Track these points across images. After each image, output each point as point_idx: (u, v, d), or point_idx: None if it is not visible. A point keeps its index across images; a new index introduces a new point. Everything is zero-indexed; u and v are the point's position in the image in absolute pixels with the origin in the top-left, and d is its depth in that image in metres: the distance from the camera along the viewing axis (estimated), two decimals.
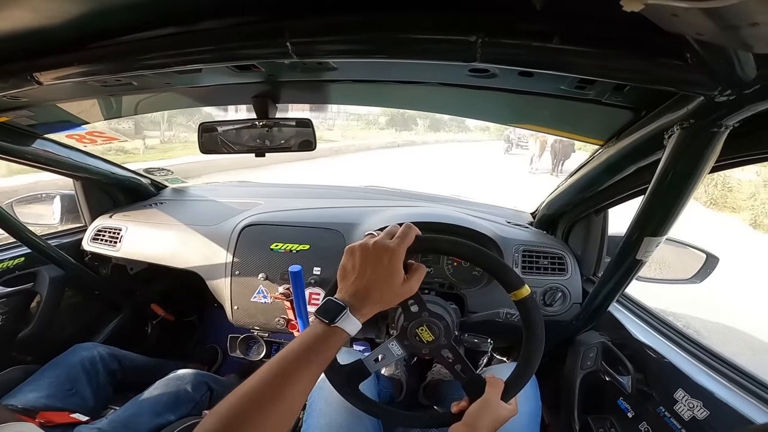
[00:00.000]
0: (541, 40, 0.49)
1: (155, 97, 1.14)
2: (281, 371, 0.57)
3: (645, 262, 0.88)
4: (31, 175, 5.64)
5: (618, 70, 0.51)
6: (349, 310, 0.63)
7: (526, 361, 0.75)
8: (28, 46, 0.69)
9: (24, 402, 1.10)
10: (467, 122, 33.75)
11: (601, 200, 1.16)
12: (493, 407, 0.74)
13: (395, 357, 0.83)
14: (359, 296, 0.65)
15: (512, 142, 21.45)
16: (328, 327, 0.62)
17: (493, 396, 0.75)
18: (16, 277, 1.44)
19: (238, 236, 1.42)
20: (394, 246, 0.66)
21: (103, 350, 1.37)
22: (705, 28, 0.30)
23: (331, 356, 0.63)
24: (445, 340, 0.81)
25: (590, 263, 1.36)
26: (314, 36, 0.58)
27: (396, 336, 0.83)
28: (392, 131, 26.14)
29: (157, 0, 0.58)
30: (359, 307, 0.64)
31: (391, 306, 0.69)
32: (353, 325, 0.63)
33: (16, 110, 1.05)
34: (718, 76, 0.46)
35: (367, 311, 0.65)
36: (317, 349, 0.61)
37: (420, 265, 0.72)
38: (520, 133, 23.75)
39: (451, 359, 0.81)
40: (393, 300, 0.68)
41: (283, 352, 0.60)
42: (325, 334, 0.62)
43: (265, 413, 0.53)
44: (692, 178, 0.66)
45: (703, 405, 0.85)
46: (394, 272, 0.66)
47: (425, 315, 0.80)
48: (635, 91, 0.71)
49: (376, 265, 0.66)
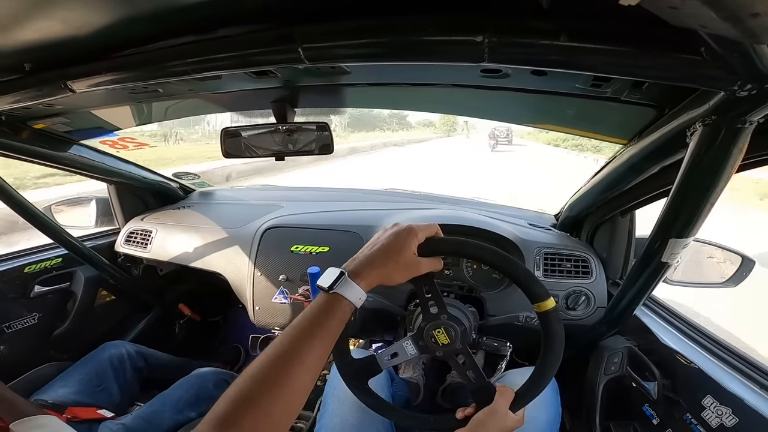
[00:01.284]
0: (549, 38, 0.48)
1: (182, 102, 1.19)
2: (286, 348, 0.56)
3: (671, 265, 0.85)
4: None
5: (629, 66, 0.49)
6: (349, 275, 0.62)
7: (540, 373, 0.74)
8: (60, 56, 0.73)
9: (54, 397, 1.15)
10: (408, 118, 32.35)
11: (626, 201, 1.12)
12: (500, 417, 0.72)
13: (408, 356, 0.83)
14: (362, 262, 0.65)
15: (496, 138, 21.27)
16: (328, 295, 0.60)
17: (502, 406, 0.73)
18: (54, 277, 1.53)
19: (260, 238, 1.45)
20: (414, 226, 0.67)
21: (131, 348, 1.43)
22: (707, 20, 0.29)
23: (336, 328, 0.60)
24: (460, 345, 0.80)
25: (616, 266, 1.32)
26: (324, 41, 0.59)
27: (412, 335, 0.83)
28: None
29: (175, 9, 0.61)
30: (360, 272, 0.63)
31: (395, 281, 0.67)
32: (354, 291, 0.61)
33: (53, 117, 1.11)
34: (735, 70, 0.44)
35: (369, 277, 0.63)
36: (320, 321, 0.59)
37: (438, 259, 0.71)
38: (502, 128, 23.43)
39: (464, 363, 0.80)
40: (396, 272, 0.66)
41: (288, 329, 0.58)
42: (327, 304, 0.60)
43: (273, 393, 0.52)
44: (717, 176, 0.63)
45: (732, 412, 0.81)
46: (405, 247, 0.66)
47: (444, 318, 0.80)
48: (655, 88, 0.69)
49: (390, 238, 0.66)
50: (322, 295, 0.61)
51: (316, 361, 0.57)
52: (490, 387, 0.77)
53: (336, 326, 0.60)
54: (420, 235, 0.67)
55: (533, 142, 31.90)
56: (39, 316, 1.48)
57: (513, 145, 25.68)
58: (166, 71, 0.71)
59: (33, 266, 1.45)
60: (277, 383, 0.52)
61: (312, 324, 0.58)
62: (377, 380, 1.00)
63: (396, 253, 0.65)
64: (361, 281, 0.62)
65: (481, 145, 21.93)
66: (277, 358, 0.55)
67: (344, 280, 0.61)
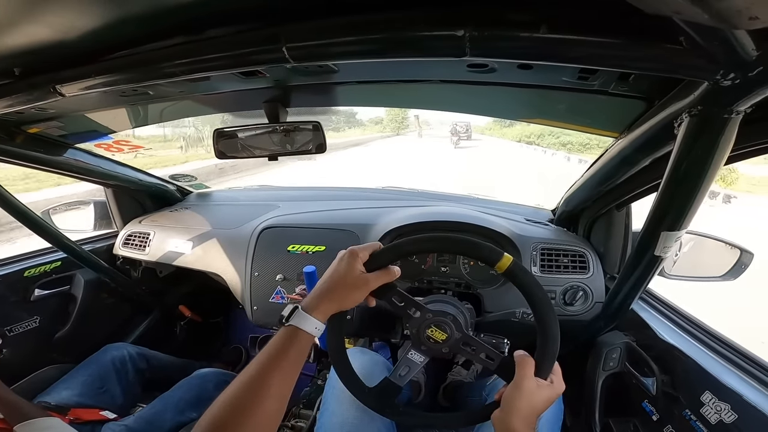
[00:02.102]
0: (529, 30, 0.47)
1: (177, 104, 1.19)
2: (253, 377, 0.61)
3: (665, 258, 0.84)
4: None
5: (611, 57, 0.49)
6: (303, 308, 0.67)
7: (543, 327, 0.71)
8: (49, 60, 0.73)
9: (57, 399, 1.16)
10: (358, 116, 29.09)
11: (621, 194, 1.11)
12: (526, 388, 0.69)
13: (420, 364, 0.83)
14: (314, 294, 0.70)
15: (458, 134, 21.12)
16: (286, 327, 0.66)
17: (524, 376, 0.70)
18: (54, 281, 1.54)
19: (257, 239, 1.45)
20: (355, 248, 0.73)
21: (133, 350, 1.44)
22: (676, 5, 0.28)
23: (296, 357, 0.65)
24: (459, 334, 0.80)
25: (614, 261, 1.31)
26: (309, 40, 0.59)
27: (412, 345, 0.83)
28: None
29: (163, 12, 0.61)
30: (315, 305, 0.68)
31: (352, 302, 0.71)
32: (309, 322, 0.66)
33: (47, 121, 1.11)
34: (716, 58, 0.44)
35: (321, 306, 0.68)
36: (280, 352, 0.64)
37: (389, 268, 0.74)
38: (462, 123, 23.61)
39: (473, 350, 0.79)
40: (347, 295, 0.70)
41: (255, 358, 0.64)
42: (286, 336, 0.65)
43: (243, 420, 0.56)
44: (706, 167, 0.62)
45: (731, 408, 0.81)
46: (349, 270, 0.70)
47: (429, 316, 0.80)
48: (642, 79, 0.68)
49: (334, 266, 0.72)
50: (282, 328, 0.67)
51: (282, 388, 0.62)
52: (509, 361, 0.74)
53: (295, 356, 0.65)
54: (362, 254, 0.72)
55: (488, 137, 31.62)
56: (40, 319, 1.49)
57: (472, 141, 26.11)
58: (155, 73, 0.71)
59: (33, 270, 1.46)
60: (247, 410, 0.57)
61: (276, 354, 0.63)
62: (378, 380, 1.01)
63: (341, 278, 0.70)
64: (315, 312, 0.67)
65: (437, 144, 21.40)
66: (247, 386, 0.60)
67: (298, 313, 0.66)
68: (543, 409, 0.70)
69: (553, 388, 0.71)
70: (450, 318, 0.81)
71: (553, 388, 0.71)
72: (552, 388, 0.71)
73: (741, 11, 0.28)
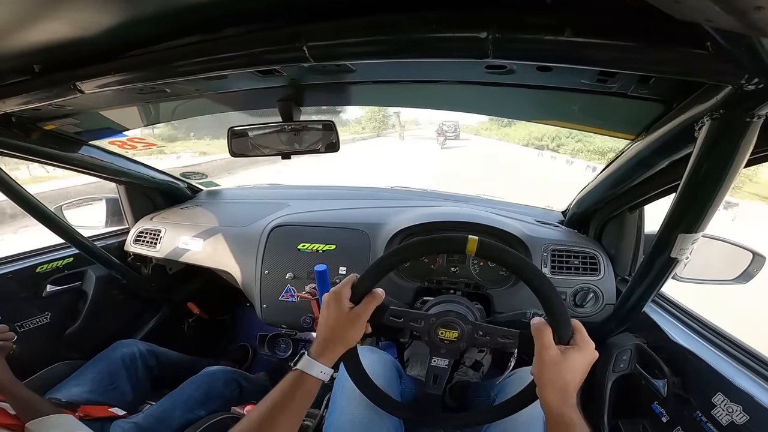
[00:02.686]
0: (553, 33, 0.47)
1: (190, 102, 1.20)
2: (262, 416, 0.66)
3: (680, 261, 0.84)
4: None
5: (635, 61, 0.49)
6: (310, 354, 0.72)
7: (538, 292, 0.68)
8: (69, 57, 0.74)
9: (68, 396, 1.17)
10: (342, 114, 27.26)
11: (635, 197, 1.11)
12: (548, 359, 0.65)
13: (447, 368, 0.84)
14: (318, 341, 0.74)
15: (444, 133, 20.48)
16: (293, 372, 0.71)
17: (542, 346, 0.66)
18: (66, 276, 1.55)
19: (267, 237, 1.46)
20: (333, 290, 0.76)
21: (143, 347, 1.45)
22: (711, 14, 0.29)
23: (305, 401, 0.70)
24: (469, 326, 0.80)
25: (625, 263, 1.30)
26: (329, 39, 0.59)
27: (431, 352, 0.84)
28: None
29: (182, 9, 0.61)
30: (320, 351, 0.73)
31: (354, 339, 0.75)
32: (315, 367, 0.70)
33: (63, 118, 1.13)
34: (742, 63, 0.44)
35: (327, 351, 0.73)
36: (289, 395, 0.68)
37: (373, 293, 0.76)
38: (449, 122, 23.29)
39: (489, 336, 0.79)
40: (346, 333, 0.74)
41: (264, 399, 0.69)
42: (294, 381, 0.70)
43: None
44: (726, 171, 0.62)
45: (743, 410, 0.81)
46: (338, 310, 0.74)
47: (433, 320, 0.81)
48: (662, 82, 0.68)
49: (324, 313, 0.75)
50: (290, 372, 0.71)
51: (288, 428, 0.68)
52: (528, 335, 0.71)
53: (301, 398, 0.69)
54: (344, 291, 0.75)
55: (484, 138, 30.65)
56: (51, 315, 1.51)
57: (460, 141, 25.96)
58: (173, 71, 0.72)
59: (44, 266, 1.48)
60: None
61: (282, 397, 0.68)
62: (386, 379, 1.01)
63: (334, 320, 0.74)
64: (321, 358, 0.72)
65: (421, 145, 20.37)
66: (256, 424, 0.65)
67: (304, 358, 0.71)
68: (577, 377, 0.65)
69: (580, 349, 0.66)
70: (453, 315, 0.81)
71: (581, 349, 0.66)
72: (579, 350, 0.66)
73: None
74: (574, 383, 0.65)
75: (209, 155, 13.00)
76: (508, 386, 1.00)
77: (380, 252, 1.33)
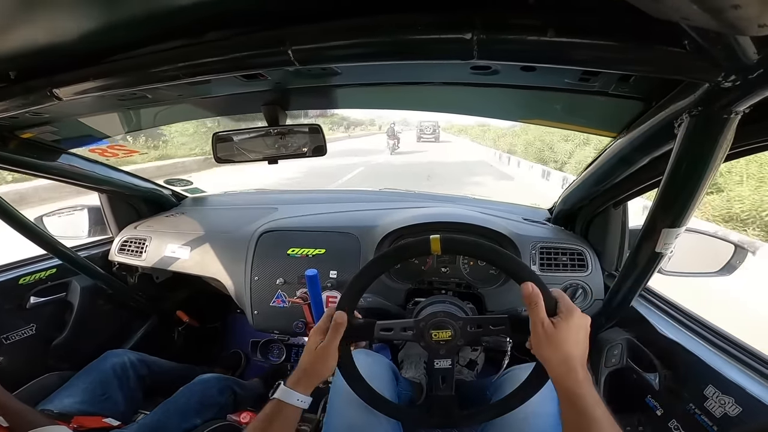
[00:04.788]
0: (536, 34, 0.48)
1: (172, 108, 1.17)
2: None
3: (665, 255, 0.86)
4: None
5: (616, 60, 0.50)
6: (286, 383, 0.76)
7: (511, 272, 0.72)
8: (45, 63, 0.72)
9: (60, 407, 1.15)
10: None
11: (618, 193, 1.13)
12: (541, 335, 0.64)
13: (451, 369, 0.84)
14: (297, 370, 0.78)
15: (397, 136, 17.94)
16: (272, 402, 0.74)
17: (533, 322, 0.65)
18: (49, 288, 1.52)
19: (256, 243, 1.45)
20: (312, 330, 0.79)
21: (133, 356, 1.42)
22: (688, 12, 0.29)
23: (284, 428, 0.73)
24: (459, 322, 0.80)
25: (611, 258, 1.33)
26: (314, 42, 0.59)
27: (430, 356, 0.83)
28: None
29: (163, 14, 0.60)
30: (296, 381, 0.76)
31: (328, 372, 0.78)
32: (291, 396, 0.74)
33: (40, 126, 1.09)
34: (719, 61, 0.45)
35: (304, 383, 0.76)
36: (268, 423, 0.72)
37: (333, 324, 0.77)
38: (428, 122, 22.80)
39: (481, 327, 0.80)
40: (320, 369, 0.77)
41: (248, 428, 0.73)
42: (272, 410, 0.73)
43: None
44: (706, 166, 0.64)
45: (735, 401, 0.82)
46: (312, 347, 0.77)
47: (422, 324, 0.81)
48: (642, 80, 0.70)
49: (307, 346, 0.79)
50: (269, 402, 0.75)
51: None
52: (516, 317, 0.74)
53: (279, 426, 0.73)
54: (321, 325, 0.78)
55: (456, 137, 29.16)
56: (36, 326, 1.47)
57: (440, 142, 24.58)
58: (155, 77, 0.70)
59: (27, 278, 1.44)
60: None
61: (263, 426, 0.72)
62: (383, 381, 1.01)
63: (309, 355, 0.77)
64: (298, 387, 0.75)
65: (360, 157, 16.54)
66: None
67: (281, 388, 0.75)
68: (574, 347, 0.63)
69: (565, 317, 0.65)
70: (442, 314, 0.81)
71: (566, 316, 0.65)
72: (565, 317, 0.65)
73: (751, 19, 0.29)
74: (573, 354, 0.63)
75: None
76: (505, 384, 1.01)
77: (370, 255, 1.33)
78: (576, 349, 0.64)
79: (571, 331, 0.64)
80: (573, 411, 0.62)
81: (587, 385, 0.63)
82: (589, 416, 0.60)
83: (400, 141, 17.11)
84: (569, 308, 0.66)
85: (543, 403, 0.90)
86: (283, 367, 1.96)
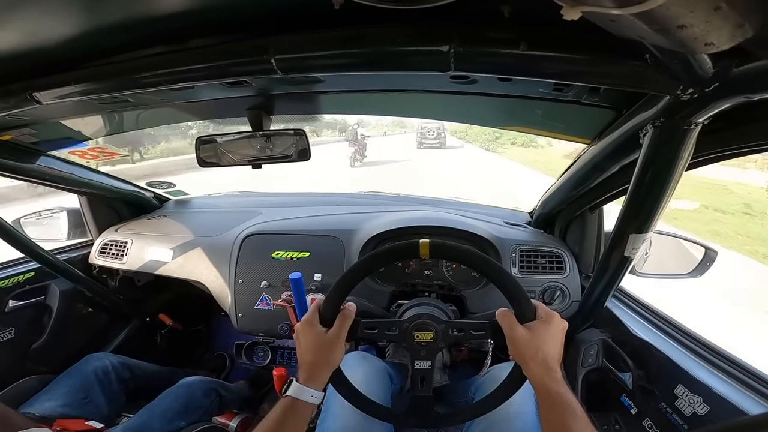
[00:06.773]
0: (510, 47, 0.50)
1: (154, 111, 1.17)
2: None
3: (634, 258, 0.89)
4: None
5: (583, 73, 0.53)
6: (299, 379, 0.73)
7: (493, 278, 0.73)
8: (26, 67, 0.71)
9: (41, 410, 1.13)
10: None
11: (593, 198, 1.17)
12: (517, 339, 0.68)
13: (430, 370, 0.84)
14: (305, 369, 0.75)
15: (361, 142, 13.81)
16: (284, 400, 0.72)
17: (508, 328, 0.69)
18: (28, 291, 1.49)
19: (240, 246, 1.45)
20: (303, 319, 0.77)
21: (115, 360, 1.40)
22: (642, 32, 0.32)
23: (299, 427, 0.71)
24: (442, 325, 0.82)
25: (588, 261, 1.36)
26: (297, 52, 0.60)
27: (412, 357, 0.84)
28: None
29: (146, 20, 0.61)
30: (308, 377, 0.74)
31: (337, 361, 0.76)
32: (304, 392, 0.72)
33: (19, 128, 1.08)
34: (677, 75, 0.48)
35: (316, 377, 0.74)
36: (282, 422, 0.70)
37: (343, 311, 0.77)
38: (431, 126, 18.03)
39: (462, 331, 0.81)
40: (329, 358, 0.75)
41: (257, 428, 0.70)
42: (285, 408, 0.71)
43: None
44: (669, 175, 0.67)
45: (703, 400, 0.86)
46: (312, 336, 0.75)
47: (406, 326, 0.82)
48: (611, 91, 0.73)
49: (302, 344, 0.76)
50: (281, 400, 0.73)
51: None
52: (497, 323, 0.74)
53: (295, 425, 0.71)
54: (312, 318, 0.76)
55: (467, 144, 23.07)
56: (15, 330, 1.44)
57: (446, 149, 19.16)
58: (137, 82, 0.71)
59: (5, 281, 1.41)
60: None
61: (276, 425, 0.70)
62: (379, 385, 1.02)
63: (314, 345, 0.75)
64: (311, 383, 0.73)
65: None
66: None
67: (294, 385, 0.72)
68: (552, 348, 0.67)
69: (544, 321, 0.69)
70: (426, 317, 0.83)
71: (545, 321, 0.69)
72: (543, 322, 0.69)
73: (697, 38, 0.32)
74: (552, 355, 0.67)
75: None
76: (486, 384, 1.03)
77: (354, 258, 1.34)
78: (554, 349, 0.68)
79: (549, 334, 0.68)
80: (555, 409, 0.65)
81: (563, 384, 0.67)
82: (571, 412, 0.63)
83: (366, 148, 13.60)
84: (549, 314, 0.71)
85: (523, 402, 0.92)
86: (267, 369, 1.95)
